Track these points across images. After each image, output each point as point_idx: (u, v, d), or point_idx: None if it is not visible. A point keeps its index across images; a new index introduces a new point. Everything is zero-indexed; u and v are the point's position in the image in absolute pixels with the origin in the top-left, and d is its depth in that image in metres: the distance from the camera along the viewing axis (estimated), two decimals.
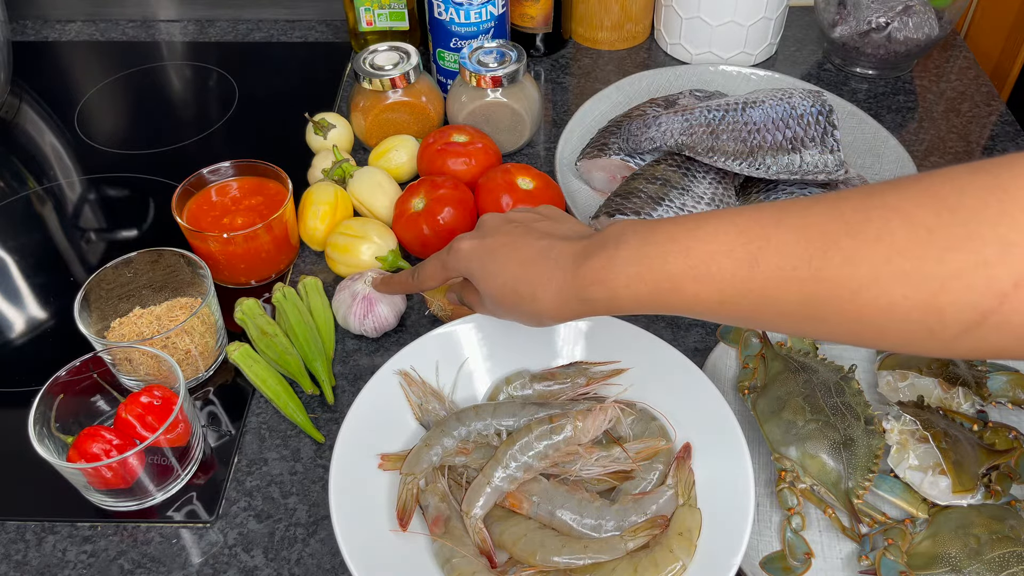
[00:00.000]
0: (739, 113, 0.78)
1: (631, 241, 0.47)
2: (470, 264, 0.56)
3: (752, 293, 0.42)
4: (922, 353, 0.40)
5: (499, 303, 0.54)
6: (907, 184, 0.38)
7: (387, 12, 0.95)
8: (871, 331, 0.40)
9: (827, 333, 0.42)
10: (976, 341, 0.37)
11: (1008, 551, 0.52)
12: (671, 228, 0.46)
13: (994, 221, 0.35)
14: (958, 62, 1.01)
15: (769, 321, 0.43)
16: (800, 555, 0.55)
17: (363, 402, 0.60)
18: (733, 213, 0.44)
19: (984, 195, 0.35)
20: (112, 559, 0.58)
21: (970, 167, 0.37)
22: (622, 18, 1.01)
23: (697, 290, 0.44)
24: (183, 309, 0.69)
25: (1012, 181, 0.35)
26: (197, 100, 0.99)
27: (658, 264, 0.45)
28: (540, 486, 0.57)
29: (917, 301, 0.37)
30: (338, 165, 0.80)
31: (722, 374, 0.66)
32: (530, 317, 0.53)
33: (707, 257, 0.43)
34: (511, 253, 0.53)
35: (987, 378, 0.64)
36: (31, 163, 0.90)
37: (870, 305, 0.38)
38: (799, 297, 0.41)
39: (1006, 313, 0.35)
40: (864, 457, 0.57)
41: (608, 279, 0.47)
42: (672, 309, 0.46)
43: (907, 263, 0.37)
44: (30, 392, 0.58)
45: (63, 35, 1.09)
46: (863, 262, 0.38)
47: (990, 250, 0.35)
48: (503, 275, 0.53)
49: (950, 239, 0.36)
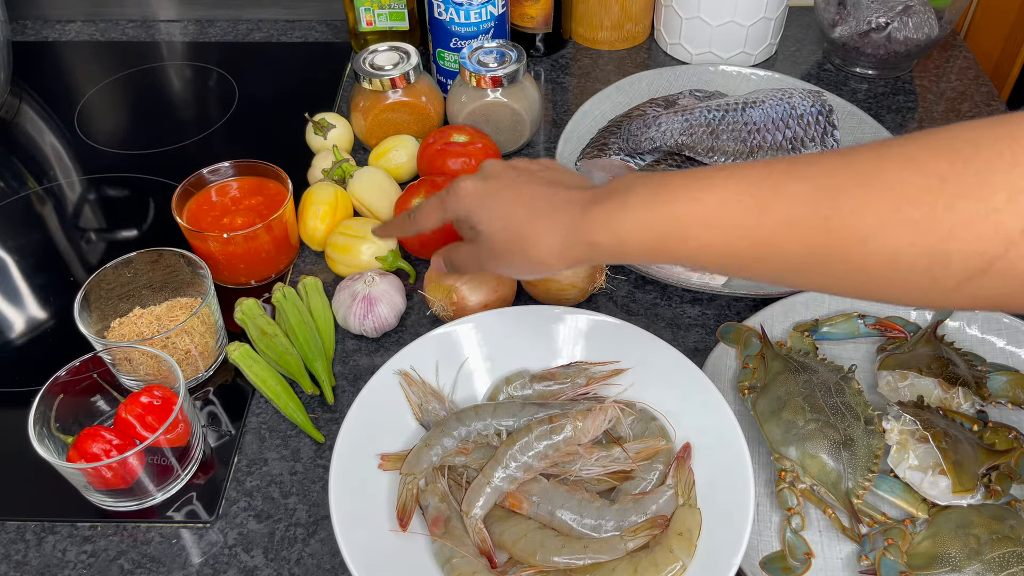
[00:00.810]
0: (739, 113, 0.78)
1: (641, 190, 0.47)
2: (471, 205, 0.55)
3: (759, 242, 0.42)
4: (921, 303, 0.40)
5: (499, 246, 0.53)
6: (920, 137, 0.39)
7: (387, 12, 0.95)
8: (875, 281, 0.40)
9: (831, 284, 0.42)
10: (978, 289, 0.37)
11: (1008, 551, 0.52)
12: (683, 178, 0.46)
13: (1006, 170, 0.35)
14: (958, 62, 1.01)
15: (774, 272, 0.43)
16: (800, 555, 0.55)
17: (363, 402, 0.60)
18: (745, 166, 0.44)
19: (999, 146, 0.36)
20: (112, 559, 0.58)
21: (986, 121, 0.37)
22: (622, 18, 1.01)
23: (704, 238, 0.44)
24: (183, 309, 0.69)
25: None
26: (197, 100, 0.99)
27: (667, 211, 0.45)
28: (540, 486, 0.57)
29: (924, 248, 0.37)
30: (338, 165, 0.80)
31: (722, 374, 0.66)
32: (529, 262, 0.52)
33: (716, 205, 0.44)
34: (515, 196, 0.53)
35: (987, 378, 0.64)
36: (31, 163, 0.90)
37: (876, 254, 0.39)
38: (806, 246, 0.41)
39: (1011, 259, 0.35)
40: (864, 457, 0.57)
41: (616, 224, 0.47)
42: (678, 257, 0.46)
43: (916, 211, 0.37)
44: (30, 392, 0.58)
45: (63, 35, 1.09)
46: (872, 211, 0.38)
47: (999, 197, 0.35)
48: (507, 217, 0.53)
49: (961, 187, 0.36)
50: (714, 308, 0.73)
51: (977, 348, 0.68)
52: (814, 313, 0.70)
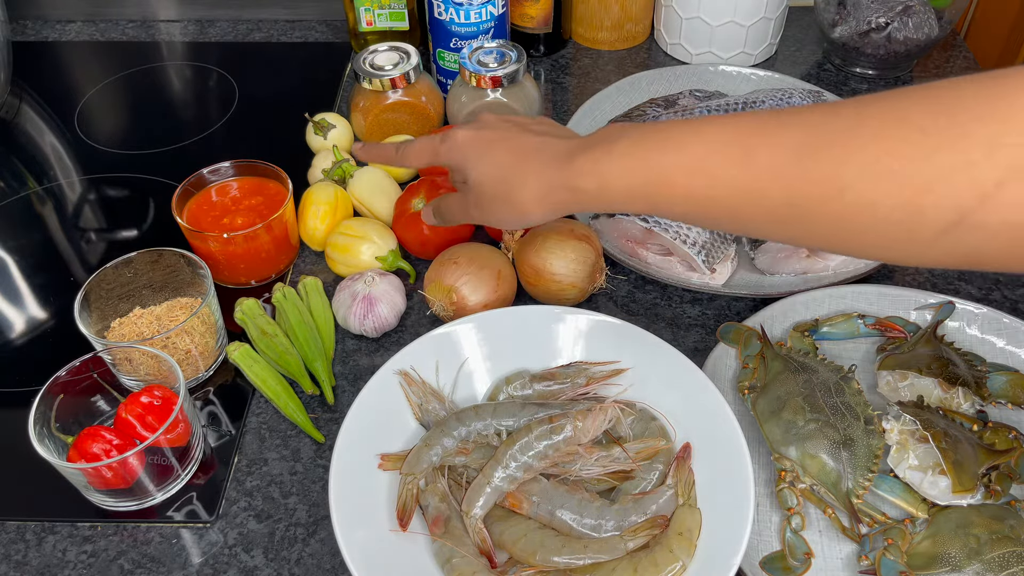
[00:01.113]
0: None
1: (629, 136, 0.48)
2: (464, 151, 0.56)
3: (741, 190, 0.43)
4: (899, 258, 0.41)
5: (486, 193, 0.54)
6: (908, 91, 0.39)
7: (387, 12, 0.95)
8: (851, 233, 0.40)
9: (808, 235, 0.42)
10: (953, 243, 0.37)
11: (1008, 551, 0.52)
12: (669, 128, 0.47)
13: (985, 122, 0.35)
14: (958, 62, 1.01)
15: (753, 221, 0.44)
16: (800, 555, 0.55)
17: (363, 402, 0.60)
18: (733, 117, 0.45)
19: (981, 101, 0.36)
20: (112, 559, 0.58)
21: (973, 76, 0.38)
22: (622, 18, 1.01)
23: (688, 184, 0.45)
24: (183, 309, 0.69)
25: (1009, 88, 0.35)
26: (197, 100, 0.99)
27: (654, 156, 0.46)
28: (540, 486, 0.57)
29: (900, 200, 0.37)
30: (338, 165, 0.80)
31: (722, 374, 0.66)
32: (512, 208, 0.53)
33: (702, 152, 0.44)
34: (505, 145, 0.54)
35: (987, 378, 0.64)
36: (31, 163, 0.90)
37: (853, 204, 0.39)
38: (786, 194, 0.41)
39: (986, 212, 0.36)
40: (864, 457, 0.57)
41: (600, 170, 0.48)
42: (661, 205, 0.47)
43: (895, 163, 0.37)
44: (30, 392, 0.58)
45: (63, 35, 1.09)
46: (852, 161, 0.39)
47: (977, 150, 0.35)
48: (495, 164, 0.54)
49: (941, 140, 0.36)
50: (714, 308, 0.73)
51: (977, 348, 0.68)
52: (814, 313, 0.70)
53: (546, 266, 0.68)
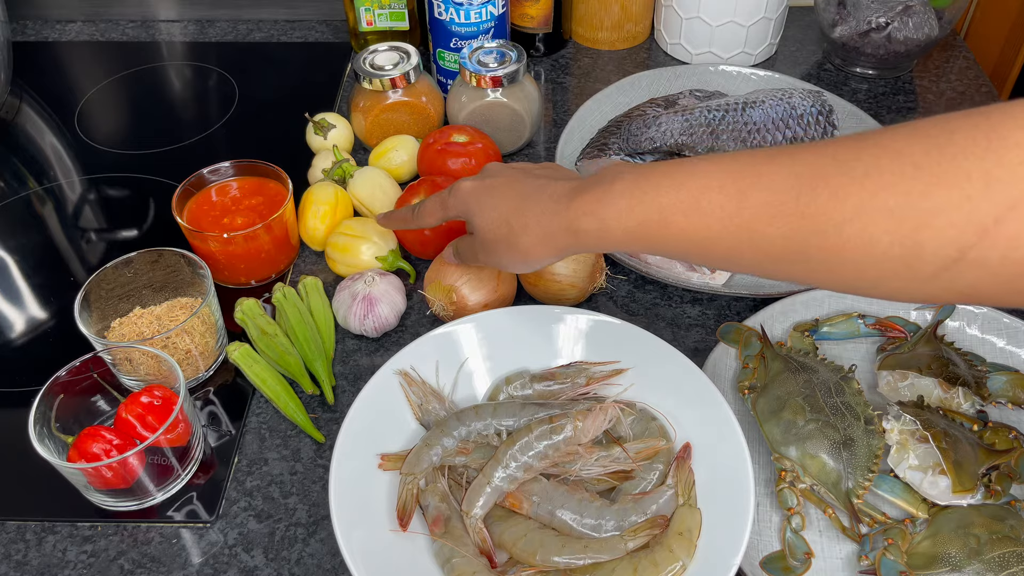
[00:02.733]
0: (739, 113, 0.78)
1: (627, 177, 0.48)
2: (467, 200, 0.57)
3: (738, 229, 0.43)
4: (900, 295, 0.40)
5: (490, 237, 0.56)
6: (900, 127, 0.39)
7: (387, 12, 0.95)
8: (850, 269, 0.40)
9: (806, 273, 0.42)
10: (952, 280, 0.37)
11: (1008, 551, 0.52)
12: (667, 167, 0.47)
13: (980, 157, 0.35)
14: (958, 62, 1.01)
15: (752, 260, 0.44)
16: (800, 555, 0.55)
17: (363, 402, 0.60)
18: (729, 156, 0.45)
19: (974, 134, 0.36)
20: (112, 559, 0.58)
21: (964, 112, 0.37)
22: (622, 18, 1.01)
23: (685, 224, 0.45)
24: (183, 309, 0.69)
25: (1003, 122, 0.35)
26: (197, 100, 0.99)
27: (650, 197, 0.46)
28: (540, 486, 0.57)
29: (898, 236, 0.37)
30: (338, 165, 0.80)
31: (722, 374, 0.66)
32: (516, 252, 0.54)
33: (698, 192, 0.44)
34: (508, 190, 0.55)
35: (987, 378, 0.64)
36: (31, 163, 0.90)
37: (852, 240, 0.39)
38: (783, 232, 0.41)
39: (984, 249, 0.36)
40: (864, 457, 0.57)
41: (600, 210, 0.48)
42: (659, 245, 0.47)
43: (892, 198, 0.37)
44: (30, 392, 0.58)
45: (63, 35, 1.09)
46: (849, 197, 0.39)
47: (974, 186, 0.35)
48: (498, 208, 0.55)
49: (937, 175, 0.36)
50: (714, 308, 0.73)
51: (977, 348, 0.68)
52: (814, 313, 0.70)
53: (546, 266, 0.68)
